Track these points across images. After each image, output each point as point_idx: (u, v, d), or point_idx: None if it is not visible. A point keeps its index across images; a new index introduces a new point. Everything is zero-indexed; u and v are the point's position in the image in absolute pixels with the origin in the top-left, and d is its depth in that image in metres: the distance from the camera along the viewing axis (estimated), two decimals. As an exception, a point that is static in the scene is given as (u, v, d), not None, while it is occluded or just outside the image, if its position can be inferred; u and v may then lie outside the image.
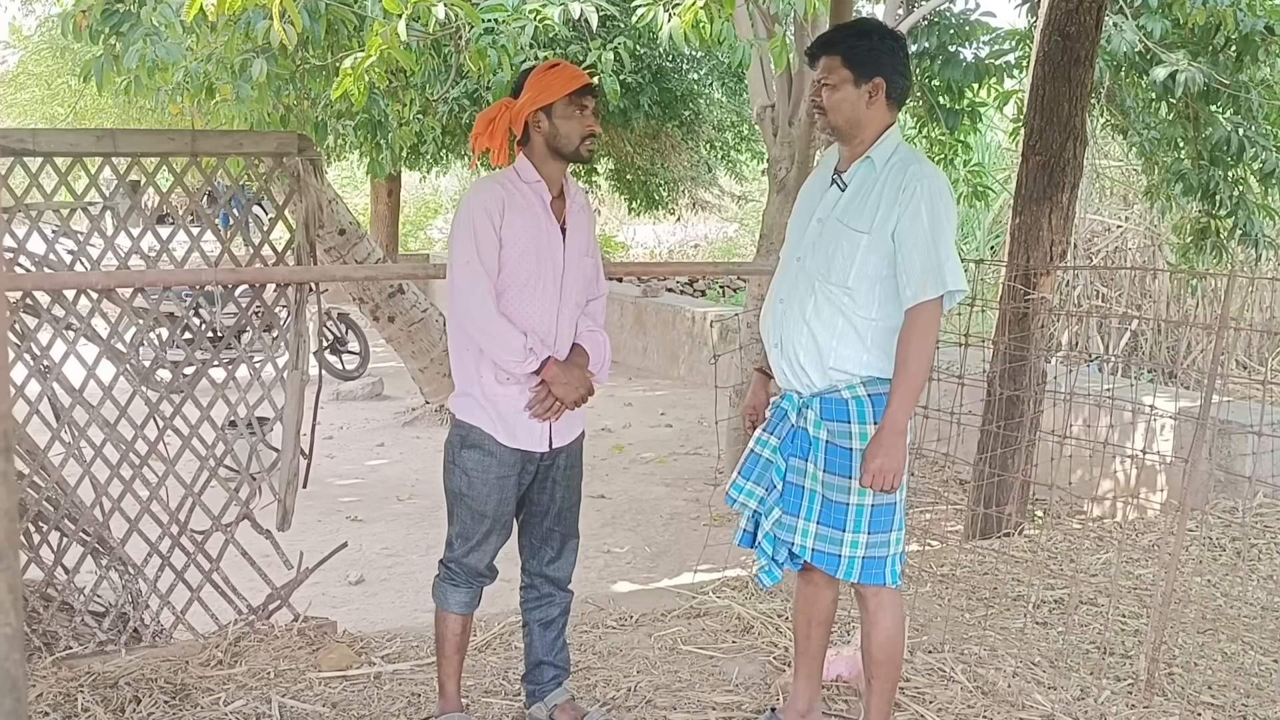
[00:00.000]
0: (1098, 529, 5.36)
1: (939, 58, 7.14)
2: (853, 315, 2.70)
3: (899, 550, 2.81)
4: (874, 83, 2.69)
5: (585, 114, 2.84)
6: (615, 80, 5.84)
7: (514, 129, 2.85)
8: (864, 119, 2.71)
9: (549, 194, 2.89)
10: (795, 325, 2.76)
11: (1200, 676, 3.59)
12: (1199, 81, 6.24)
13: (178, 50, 4.82)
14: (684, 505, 6.92)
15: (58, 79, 12.98)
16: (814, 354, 2.73)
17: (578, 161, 2.92)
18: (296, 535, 3.88)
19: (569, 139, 2.84)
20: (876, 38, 2.71)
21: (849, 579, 2.80)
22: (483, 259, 2.78)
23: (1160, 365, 10.03)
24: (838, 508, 2.74)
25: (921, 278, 2.61)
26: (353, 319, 10.75)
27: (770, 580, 2.89)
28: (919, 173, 2.64)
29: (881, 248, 2.65)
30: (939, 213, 2.62)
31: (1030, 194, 5.00)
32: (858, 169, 2.74)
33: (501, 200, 2.81)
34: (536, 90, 2.81)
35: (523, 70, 2.95)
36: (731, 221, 21.76)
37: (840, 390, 2.73)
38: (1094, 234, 12.01)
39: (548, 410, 2.87)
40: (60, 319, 3.63)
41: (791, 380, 2.80)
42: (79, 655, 3.52)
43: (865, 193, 2.71)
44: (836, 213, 2.74)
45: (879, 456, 2.61)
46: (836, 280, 2.70)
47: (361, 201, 19.69)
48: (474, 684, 3.41)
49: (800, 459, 2.80)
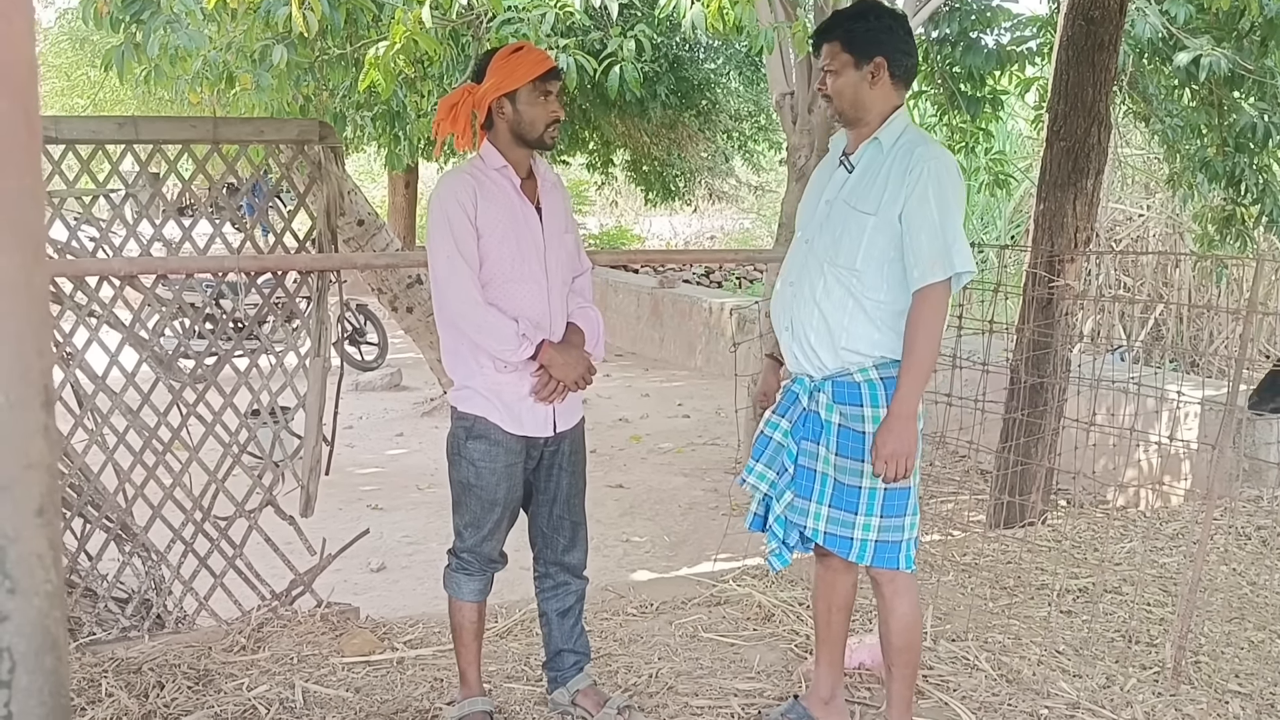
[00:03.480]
0: (1122, 517, 5.32)
1: (960, 44, 7.09)
2: (862, 297, 2.68)
3: (913, 535, 2.79)
4: (875, 63, 2.67)
5: (550, 100, 2.80)
6: (636, 69, 5.82)
7: (477, 113, 2.82)
8: (867, 100, 2.70)
9: (517, 177, 2.85)
10: (806, 307, 2.75)
11: (1227, 665, 3.56)
12: (1223, 67, 6.17)
13: (199, 37, 4.83)
14: (702, 495, 6.91)
15: (77, 70, 13.06)
16: (825, 335, 2.71)
17: (541, 149, 2.88)
18: (318, 522, 3.88)
19: (533, 125, 2.80)
20: (873, 18, 2.70)
21: (861, 562, 2.79)
22: (463, 252, 2.74)
23: (1183, 354, 9.96)
24: (850, 491, 2.73)
25: (929, 260, 2.59)
26: (371, 310, 10.78)
27: (780, 564, 2.88)
28: (926, 154, 2.62)
29: (888, 229, 2.63)
30: (946, 194, 2.60)
31: (1054, 180, 4.96)
32: (865, 150, 2.73)
33: (472, 190, 2.77)
34: (501, 75, 2.76)
35: (485, 53, 2.91)
36: (748, 212, 21.71)
37: (852, 373, 2.71)
38: (1115, 223, 11.93)
39: (551, 393, 2.86)
40: (83, 306, 3.64)
41: (803, 363, 2.78)
42: (103, 641, 3.53)
43: (872, 174, 2.69)
44: (844, 194, 2.73)
45: (890, 443, 2.59)
46: (844, 262, 2.68)
47: (379, 194, 19.74)
48: (496, 670, 3.42)
49: (812, 442, 2.78)
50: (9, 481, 0.83)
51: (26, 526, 0.85)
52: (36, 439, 0.86)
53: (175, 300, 3.88)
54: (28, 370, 0.86)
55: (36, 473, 0.86)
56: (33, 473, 0.85)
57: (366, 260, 6.71)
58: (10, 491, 0.84)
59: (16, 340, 0.85)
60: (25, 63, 0.84)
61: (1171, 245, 11.67)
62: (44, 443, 0.86)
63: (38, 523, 0.86)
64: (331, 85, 6.40)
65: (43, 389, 0.86)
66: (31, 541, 0.85)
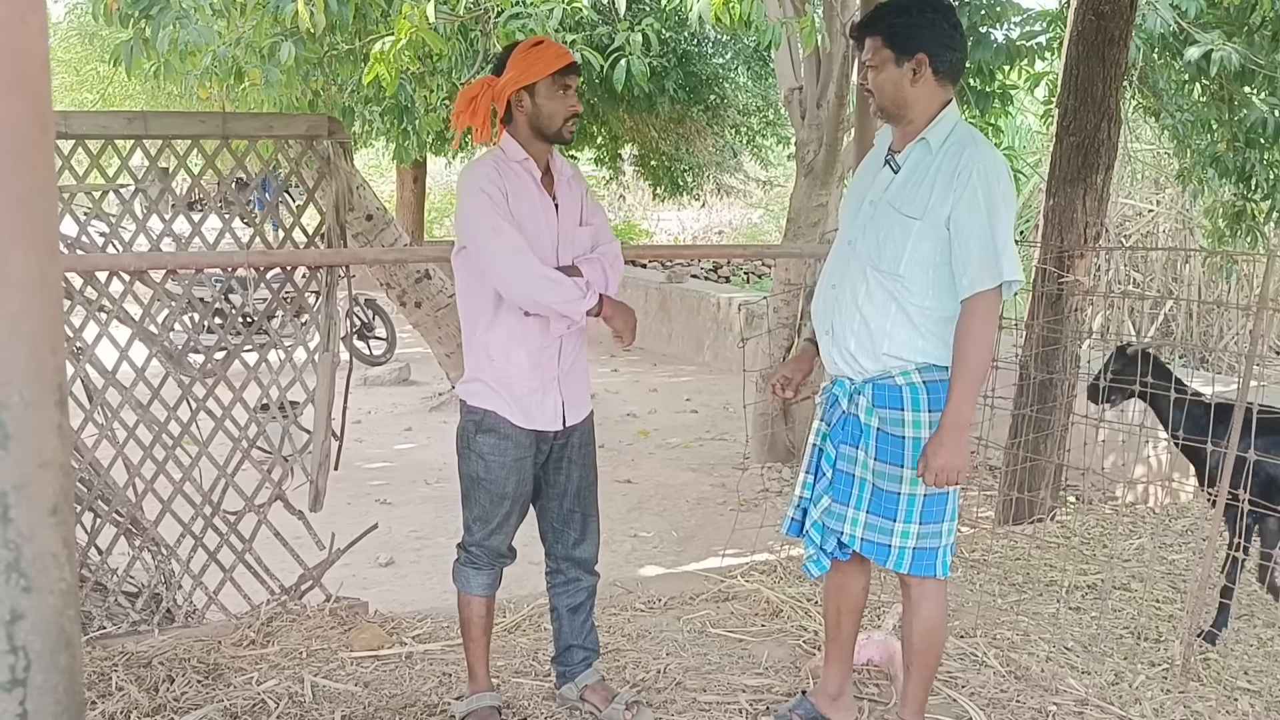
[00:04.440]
0: (1131, 514, 5.31)
1: (969, 39, 7.05)
2: (906, 303, 2.60)
3: (950, 541, 2.73)
4: (916, 59, 2.57)
5: (569, 94, 2.80)
6: (644, 63, 5.81)
7: (496, 107, 2.81)
8: (910, 98, 2.61)
9: (538, 171, 2.85)
10: (847, 311, 2.67)
11: (1236, 662, 3.55)
12: (1234, 62, 6.13)
13: (208, 33, 4.83)
14: (710, 490, 6.91)
15: (86, 66, 13.08)
16: (866, 340, 2.64)
17: (559, 143, 2.88)
18: (327, 517, 3.89)
19: (551, 119, 2.80)
20: (915, 12, 2.59)
21: (899, 570, 2.72)
22: (506, 222, 2.73)
23: (1193, 350, 9.93)
24: (889, 497, 2.66)
25: (979, 267, 2.50)
26: (379, 305, 10.79)
27: (818, 570, 2.81)
28: (975, 156, 2.53)
29: (935, 234, 2.54)
30: (996, 199, 2.51)
31: (1064, 175, 4.94)
32: (912, 150, 2.63)
33: (501, 179, 2.78)
34: (520, 69, 2.76)
35: (506, 47, 2.91)
36: (756, 207, 21.67)
37: (894, 376, 2.64)
38: (1125, 218, 11.88)
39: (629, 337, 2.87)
40: (93, 301, 3.65)
41: (842, 367, 2.71)
42: (113, 635, 3.55)
43: (919, 176, 2.60)
44: (889, 196, 2.64)
45: (941, 455, 2.50)
46: (887, 267, 2.60)
47: (387, 189, 19.75)
48: (504, 665, 3.42)
49: (851, 446, 2.71)
50: (23, 480, 0.84)
51: (41, 525, 0.85)
52: (51, 438, 0.86)
53: (185, 295, 3.88)
54: (42, 368, 0.86)
55: (51, 471, 0.86)
56: (47, 471, 0.85)
57: (375, 255, 6.73)
58: (25, 490, 0.84)
59: (31, 339, 0.85)
60: (39, 64, 0.84)
61: (1181, 241, 11.63)
62: (58, 441, 0.86)
63: (52, 521, 0.86)
64: (340, 80, 6.40)
65: (57, 387, 0.86)
66: (46, 540, 0.85)
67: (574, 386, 2.96)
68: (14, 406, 0.83)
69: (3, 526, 0.83)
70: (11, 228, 0.84)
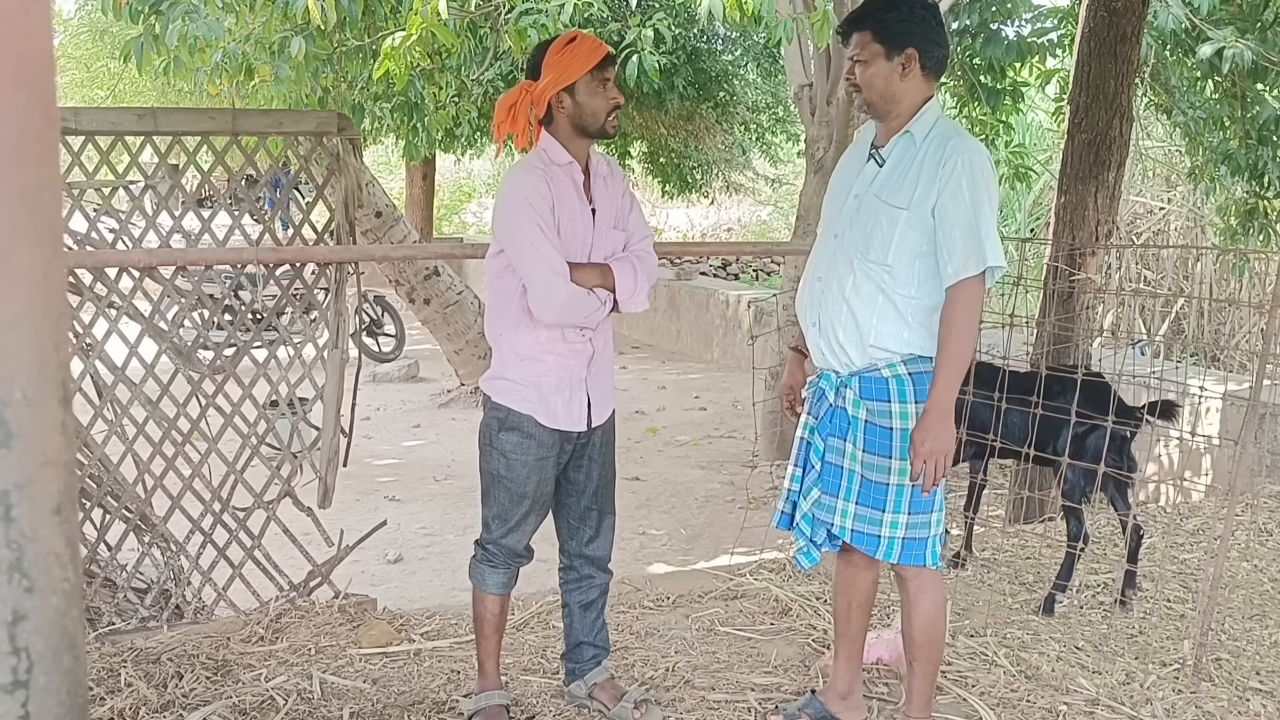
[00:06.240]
0: (1142, 513, 5.28)
1: (980, 35, 7.04)
2: (893, 293, 2.65)
3: (939, 531, 2.77)
4: (906, 54, 2.63)
5: (608, 87, 2.77)
6: (655, 58, 5.79)
7: (536, 111, 2.78)
8: (898, 92, 2.66)
9: (581, 175, 2.83)
10: (834, 303, 2.71)
11: (1248, 662, 3.53)
12: (1247, 58, 6.09)
13: (218, 29, 4.83)
14: (719, 488, 6.90)
15: (97, 62, 13.11)
16: (854, 332, 2.68)
17: (603, 138, 2.85)
18: (336, 514, 3.89)
19: (595, 116, 2.77)
20: (906, 8, 2.65)
21: (888, 560, 2.76)
22: (548, 236, 2.71)
23: (1204, 348, 9.88)
24: (877, 488, 2.71)
25: (963, 255, 2.55)
26: (388, 302, 10.80)
27: (809, 562, 2.85)
28: (959, 147, 2.58)
29: (921, 224, 2.60)
30: (980, 188, 2.57)
31: (1075, 173, 4.92)
32: (896, 143, 2.68)
33: (550, 190, 2.75)
34: (558, 70, 2.74)
35: (537, 47, 2.87)
36: (765, 205, 21.64)
37: (880, 369, 2.69)
38: (1136, 216, 11.84)
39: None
40: (102, 297, 3.65)
41: (829, 359, 2.75)
42: (122, 631, 3.55)
43: (904, 168, 2.65)
44: (874, 188, 2.69)
45: (928, 440, 2.54)
46: (875, 258, 2.65)
47: (396, 185, 19.76)
48: (513, 662, 3.42)
49: (839, 439, 2.75)
50: (26, 479, 0.83)
51: (44, 525, 0.84)
52: (54, 436, 0.85)
53: (194, 292, 3.88)
54: (45, 365, 0.85)
55: (54, 470, 0.85)
56: (50, 470, 0.85)
57: (384, 252, 6.73)
58: (28, 489, 0.83)
59: (35, 335, 0.84)
60: (43, 55, 0.83)
61: (1193, 239, 11.58)
62: (62, 440, 0.85)
63: (55, 521, 0.85)
64: (350, 77, 6.40)
65: (60, 385, 0.85)
66: (49, 540, 0.84)
67: (600, 387, 2.93)
68: (17, 404, 0.82)
69: (5, 526, 0.82)
70: (15, 223, 0.83)
